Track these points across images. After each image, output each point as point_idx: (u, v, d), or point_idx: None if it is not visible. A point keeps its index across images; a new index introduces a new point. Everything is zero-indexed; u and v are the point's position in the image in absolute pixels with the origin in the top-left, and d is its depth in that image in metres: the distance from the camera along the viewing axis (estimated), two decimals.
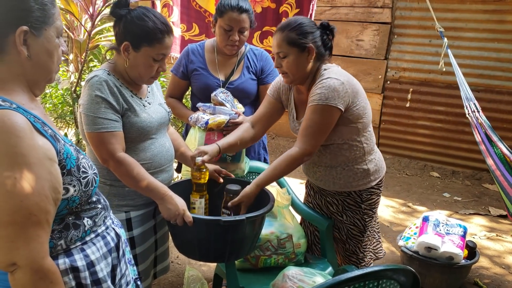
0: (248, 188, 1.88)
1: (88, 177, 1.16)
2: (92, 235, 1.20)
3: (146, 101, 1.81)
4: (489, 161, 2.90)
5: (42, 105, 1.22)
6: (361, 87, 1.99)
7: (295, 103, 2.12)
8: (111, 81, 1.68)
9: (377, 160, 2.09)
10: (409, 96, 5.04)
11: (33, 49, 1.07)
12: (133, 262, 1.44)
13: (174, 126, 2.25)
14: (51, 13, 1.10)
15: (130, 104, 1.72)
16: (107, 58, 1.81)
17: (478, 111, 3.14)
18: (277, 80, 2.16)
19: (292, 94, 2.13)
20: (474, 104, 3.17)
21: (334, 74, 1.90)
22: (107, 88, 1.66)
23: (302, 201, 2.34)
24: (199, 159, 1.85)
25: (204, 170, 1.86)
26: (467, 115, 3.16)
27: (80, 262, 1.14)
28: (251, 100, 2.42)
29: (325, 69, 1.95)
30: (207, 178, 1.88)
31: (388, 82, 5.14)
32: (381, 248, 2.28)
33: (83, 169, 1.15)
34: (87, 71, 3.41)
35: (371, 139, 2.06)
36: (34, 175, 0.98)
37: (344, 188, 2.07)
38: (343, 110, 1.88)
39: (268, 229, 2.03)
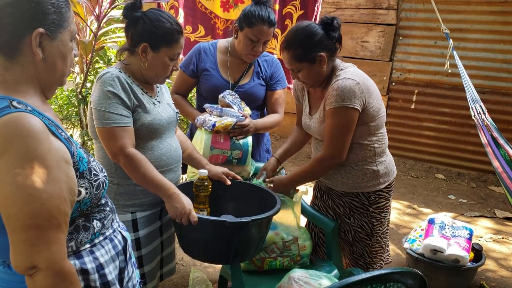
0: (282, 176, 2.12)
1: (99, 179, 1.17)
2: (101, 238, 1.21)
3: (156, 99, 1.83)
4: (496, 164, 2.88)
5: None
6: (377, 88, 2.00)
7: (309, 98, 2.14)
8: (123, 77, 1.71)
9: (387, 163, 2.08)
10: (414, 98, 5.02)
11: (48, 52, 1.08)
12: (137, 265, 1.45)
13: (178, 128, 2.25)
14: (66, 16, 1.11)
15: (140, 101, 1.73)
16: (119, 59, 1.83)
17: (484, 113, 3.12)
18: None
19: (306, 90, 2.15)
20: (480, 106, 3.15)
21: (350, 75, 1.91)
22: (119, 84, 1.68)
23: (309, 204, 2.34)
24: (202, 172, 1.85)
25: (207, 183, 1.85)
26: (473, 117, 3.13)
27: (90, 265, 1.15)
28: (257, 105, 2.41)
29: (341, 69, 1.96)
30: (209, 191, 1.87)
31: (393, 83, 5.12)
32: (388, 255, 2.27)
33: (94, 172, 1.15)
34: (92, 73, 3.42)
35: (384, 141, 2.06)
36: (54, 178, 0.98)
37: (352, 189, 2.06)
38: (360, 110, 1.89)
39: (273, 231, 2.03)
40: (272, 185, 2.09)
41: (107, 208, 1.25)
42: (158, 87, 1.90)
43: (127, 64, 1.78)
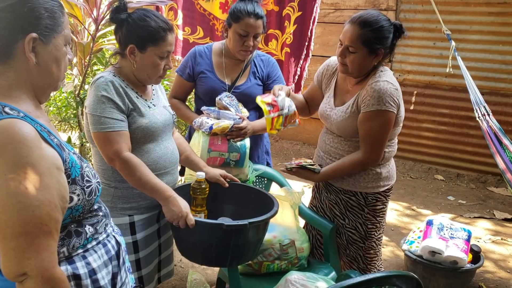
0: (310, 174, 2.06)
1: (92, 186, 1.16)
2: (94, 243, 1.20)
3: (151, 102, 1.83)
4: (501, 165, 2.87)
5: (46, 111, 1.22)
6: None
7: (335, 89, 2.12)
8: (117, 82, 1.71)
9: (390, 167, 2.11)
10: (413, 99, 5.02)
11: (42, 57, 1.08)
12: (131, 270, 1.44)
13: (177, 130, 2.25)
14: (60, 21, 1.11)
15: (135, 104, 1.73)
16: (112, 63, 1.83)
17: (488, 114, 3.11)
18: (325, 63, 2.20)
19: (334, 79, 2.13)
20: (484, 107, 3.14)
21: (391, 79, 1.92)
22: (113, 88, 1.68)
23: (307, 206, 2.33)
24: (200, 174, 1.84)
25: (204, 185, 1.84)
26: (477, 119, 3.12)
27: (82, 270, 1.14)
28: (255, 105, 2.41)
29: (381, 71, 1.96)
30: (207, 194, 1.86)
31: None
32: (381, 264, 2.26)
33: (87, 178, 1.15)
34: (90, 75, 3.42)
35: (394, 149, 2.09)
36: (45, 185, 0.98)
37: (351, 187, 2.06)
38: (395, 114, 1.92)
39: (271, 233, 2.03)
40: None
41: (100, 213, 1.24)
42: (153, 89, 1.90)
43: (120, 67, 1.78)
